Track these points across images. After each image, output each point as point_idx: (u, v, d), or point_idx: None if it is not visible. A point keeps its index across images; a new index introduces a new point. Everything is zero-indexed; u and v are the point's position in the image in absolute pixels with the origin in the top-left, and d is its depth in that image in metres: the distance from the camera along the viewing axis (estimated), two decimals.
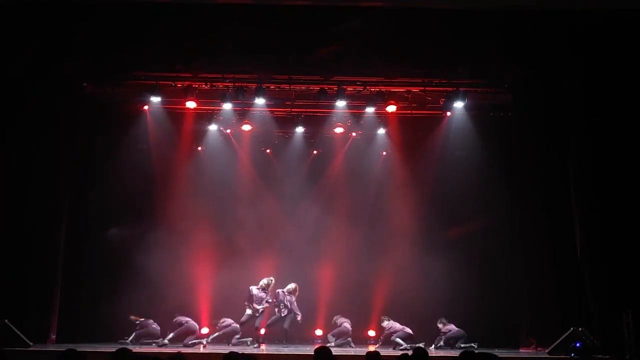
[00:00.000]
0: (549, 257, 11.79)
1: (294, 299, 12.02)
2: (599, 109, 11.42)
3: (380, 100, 12.61)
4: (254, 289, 11.80)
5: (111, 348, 9.45)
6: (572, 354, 9.89)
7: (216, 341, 11.92)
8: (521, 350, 11.77)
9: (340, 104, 12.69)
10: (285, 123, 13.92)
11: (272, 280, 11.98)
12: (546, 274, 11.70)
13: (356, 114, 13.48)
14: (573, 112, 11.83)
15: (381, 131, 14.07)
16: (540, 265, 11.84)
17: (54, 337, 11.51)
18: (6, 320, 10.17)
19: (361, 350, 11.09)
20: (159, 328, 12.08)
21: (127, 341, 11.61)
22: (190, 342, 11.58)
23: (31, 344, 10.21)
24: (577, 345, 10.29)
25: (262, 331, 11.65)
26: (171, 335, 11.80)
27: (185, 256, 13.26)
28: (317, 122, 13.87)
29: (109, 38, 11.06)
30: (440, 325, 12.37)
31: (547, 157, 12.12)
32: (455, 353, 10.29)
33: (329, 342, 11.85)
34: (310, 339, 12.71)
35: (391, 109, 12.88)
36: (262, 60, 11.66)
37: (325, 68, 11.92)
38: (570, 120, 11.90)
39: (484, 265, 13.25)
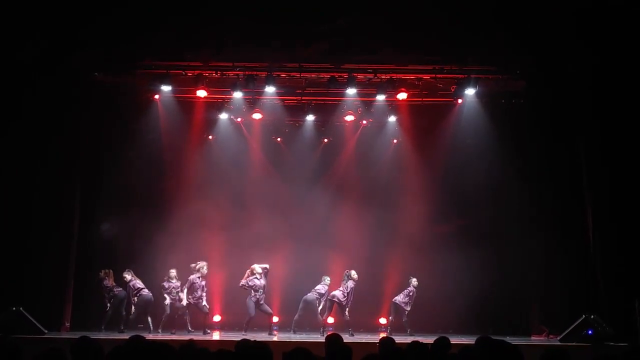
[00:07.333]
0: (560, 245, 11.76)
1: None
2: (610, 96, 11.34)
3: (391, 87, 12.53)
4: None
5: (125, 336, 9.59)
6: None
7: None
8: (533, 338, 11.77)
9: (351, 91, 12.58)
10: (296, 111, 13.89)
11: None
12: (557, 261, 11.70)
13: (367, 102, 13.43)
14: (585, 98, 11.73)
15: (392, 119, 14.01)
16: (551, 253, 11.82)
17: (68, 324, 11.64)
18: (21, 308, 10.34)
19: (373, 338, 11.15)
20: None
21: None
22: None
23: (46, 331, 10.38)
24: (589, 332, 10.29)
25: (276, 319, 11.69)
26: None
27: (197, 244, 13.31)
28: (327, 110, 13.81)
29: (118, 27, 11.06)
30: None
31: (560, 144, 12.05)
32: (470, 340, 10.28)
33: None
34: (321, 326, 12.74)
35: (402, 96, 12.81)
36: (272, 48, 11.62)
37: (335, 56, 11.86)
38: (583, 107, 11.81)
39: (496, 253, 13.21)
